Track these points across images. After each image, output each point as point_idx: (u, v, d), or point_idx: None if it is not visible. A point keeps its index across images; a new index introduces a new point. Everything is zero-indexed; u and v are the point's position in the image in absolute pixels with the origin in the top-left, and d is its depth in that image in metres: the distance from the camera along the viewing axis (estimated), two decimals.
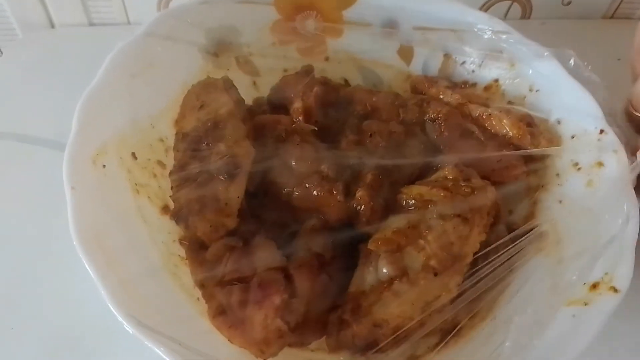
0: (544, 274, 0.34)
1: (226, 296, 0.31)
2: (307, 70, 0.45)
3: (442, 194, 0.35)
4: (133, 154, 0.37)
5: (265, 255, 0.33)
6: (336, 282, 0.35)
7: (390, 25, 0.46)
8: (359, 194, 0.35)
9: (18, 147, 0.47)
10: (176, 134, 0.39)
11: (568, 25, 0.58)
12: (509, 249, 0.36)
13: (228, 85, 0.40)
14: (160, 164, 0.39)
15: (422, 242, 0.33)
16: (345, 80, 0.47)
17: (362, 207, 0.35)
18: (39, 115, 0.48)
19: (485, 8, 0.59)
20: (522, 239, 0.37)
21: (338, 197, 0.35)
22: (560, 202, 0.37)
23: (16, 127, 0.48)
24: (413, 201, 0.35)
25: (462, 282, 0.33)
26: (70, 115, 0.34)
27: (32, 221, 0.43)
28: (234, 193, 0.34)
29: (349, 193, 0.36)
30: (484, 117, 0.39)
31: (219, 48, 0.44)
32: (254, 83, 0.46)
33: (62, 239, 0.30)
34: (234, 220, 0.34)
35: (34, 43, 0.57)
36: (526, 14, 0.60)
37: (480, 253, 0.35)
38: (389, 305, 0.32)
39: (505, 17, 0.60)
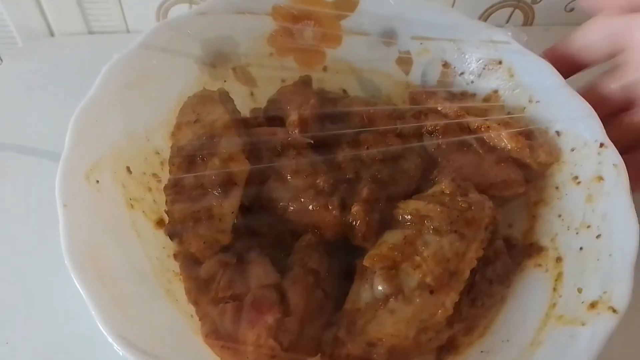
0: (542, 290, 0.34)
1: (219, 314, 0.31)
2: (305, 81, 0.45)
3: (438, 209, 0.34)
4: (128, 168, 0.37)
5: (259, 272, 0.33)
6: (331, 298, 0.35)
7: (389, 35, 0.45)
8: (355, 209, 0.35)
9: (16, 159, 0.46)
10: (172, 147, 0.39)
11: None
12: (507, 264, 0.36)
13: (224, 98, 0.40)
14: (156, 177, 0.39)
15: (418, 258, 0.33)
16: (344, 90, 0.47)
17: (358, 222, 0.35)
18: (38, 126, 0.48)
19: (487, 14, 0.59)
20: (520, 254, 0.37)
21: (334, 212, 0.35)
22: (560, 216, 0.37)
23: (15, 138, 0.48)
24: (409, 216, 0.35)
25: (459, 299, 0.33)
26: None
27: (30, 233, 0.42)
28: (228, 208, 0.34)
29: (344, 208, 0.35)
30: (482, 129, 0.39)
31: (215, 59, 0.43)
32: (252, 94, 0.45)
33: (60, 252, 0.30)
34: (228, 236, 0.34)
35: (33, 52, 0.57)
36: (528, 21, 0.59)
37: (478, 269, 0.34)
38: (384, 323, 0.31)
39: (507, 23, 0.59)
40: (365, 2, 0.44)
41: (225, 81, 0.44)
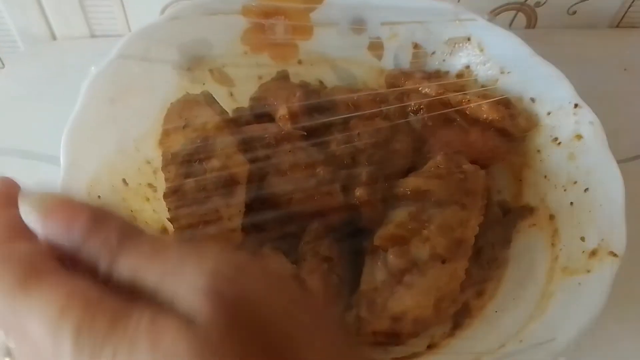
0: (541, 247, 0.36)
1: None
2: (284, 76, 0.45)
3: (437, 183, 0.36)
4: (124, 180, 0.36)
5: (274, 265, 0.33)
6: (345, 282, 0.36)
7: (358, 23, 0.47)
8: (358, 192, 0.36)
9: (19, 163, 0.45)
10: (163, 154, 0.38)
11: (573, 34, 0.57)
12: (505, 227, 0.38)
13: (209, 100, 0.40)
14: (151, 186, 0.38)
15: (425, 232, 0.34)
16: (320, 82, 0.48)
17: (363, 204, 0.36)
18: (41, 130, 0.47)
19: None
20: (514, 217, 0.39)
21: (338, 197, 0.36)
22: (545, 177, 0.39)
23: (17, 142, 0.47)
24: (409, 193, 0.36)
25: (468, 265, 0.34)
26: None
27: None
28: (236, 208, 0.34)
29: (347, 192, 0.36)
30: (464, 103, 0.40)
31: (192, 63, 0.43)
32: (231, 94, 0.45)
33: None
34: (239, 235, 0.34)
35: (35, 55, 0.57)
36: (531, 24, 0.59)
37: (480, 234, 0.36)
38: (404, 298, 0.32)
39: (510, 26, 0.59)
40: None
41: (204, 84, 0.44)
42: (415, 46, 0.46)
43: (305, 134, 0.39)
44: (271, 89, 0.42)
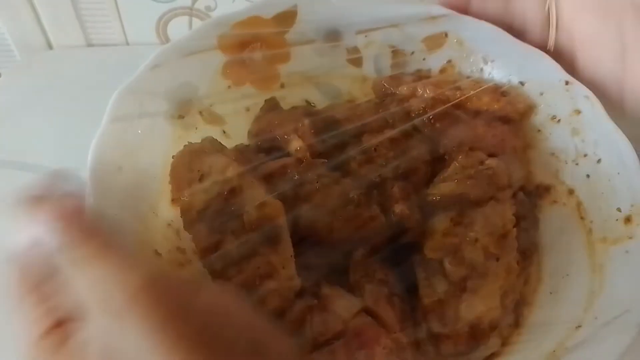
0: (570, 222, 0.38)
1: (330, 358, 0.30)
2: (274, 104, 0.44)
3: (469, 183, 0.36)
4: (156, 251, 0.34)
5: (342, 303, 0.33)
6: (405, 301, 0.36)
7: (333, 37, 0.46)
8: (398, 209, 0.36)
9: (16, 175, 0.45)
10: (183, 213, 0.36)
11: None
12: (533, 211, 0.39)
13: (217, 146, 0.38)
14: (180, 250, 0.36)
15: (472, 234, 0.35)
16: (307, 101, 0.47)
17: (404, 220, 0.36)
18: (39, 142, 0.48)
19: None
20: (533, 197, 0.41)
21: (380, 219, 0.35)
22: (553, 154, 0.41)
23: (14, 153, 0.47)
24: (444, 199, 0.37)
25: None
26: (71, 140, 0.34)
27: None
28: (286, 253, 0.33)
29: (386, 212, 0.36)
30: (463, 99, 0.41)
31: (182, 109, 0.41)
32: (224, 132, 0.43)
33: None
34: (298, 280, 0.33)
35: (32, 65, 0.58)
36: None
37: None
38: (474, 304, 0.33)
39: None
40: (303, 10, 0.44)
41: (196, 128, 0.42)
42: (394, 50, 0.47)
43: (326, 160, 0.38)
44: (272, 121, 0.41)
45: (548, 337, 0.32)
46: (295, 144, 0.38)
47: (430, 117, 0.41)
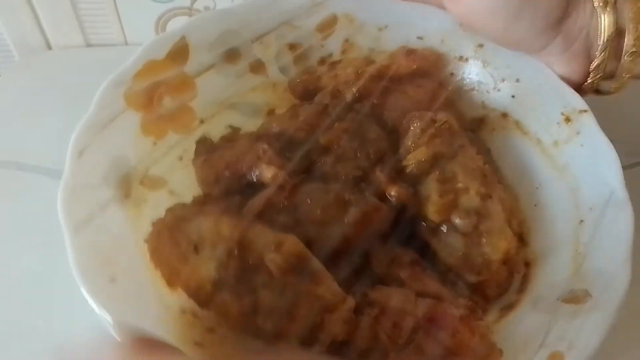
0: (519, 141, 0.42)
1: (417, 353, 0.31)
2: (204, 140, 0.41)
3: (436, 142, 0.38)
4: (196, 343, 0.30)
5: (399, 298, 0.33)
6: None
7: (231, 54, 0.44)
8: (394, 192, 0.36)
9: (15, 175, 0.45)
10: (193, 293, 0.32)
11: None
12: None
13: (189, 209, 0.34)
14: (210, 330, 0.32)
15: (460, 185, 0.37)
16: (232, 127, 0.44)
17: (402, 200, 0.36)
18: (37, 142, 0.47)
19: None
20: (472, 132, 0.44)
21: (383, 208, 0.36)
22: (473, 89, 0.45)
23: (13, 154, 0.47)
24: (420, 164, 0.38)
25: None
26: (70, 140, 0.33)
27: (31, 252, 0.40)
28: (327, 279, 0.32)
29: (384, 199, 0.36)
30: (384, 69, 0.43)
31: (123, 188, 0.36)
32: (171, 192, 0.39)
33: (62, 272, 0.29)
34: (351, 299, 0.32)
35: (31, 65, 0.57)
36: None
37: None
38: (495, 242, 0.35)
39: None
40: (192, 39, 0.41)
41: (146, 200, 0.37)
42: (291, 46, 0.46)
43: (304, 174, 0.37)
44: (222, 160, 0.38)
45: (560, 243, 0.36)
46: (268, 173, 0.36)
47: (367, 97, 0.41)
